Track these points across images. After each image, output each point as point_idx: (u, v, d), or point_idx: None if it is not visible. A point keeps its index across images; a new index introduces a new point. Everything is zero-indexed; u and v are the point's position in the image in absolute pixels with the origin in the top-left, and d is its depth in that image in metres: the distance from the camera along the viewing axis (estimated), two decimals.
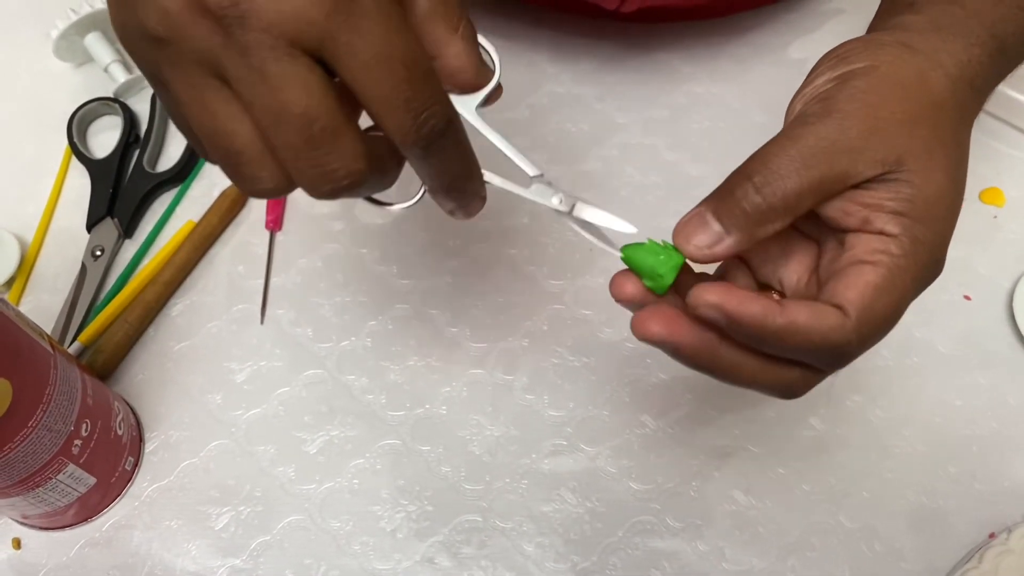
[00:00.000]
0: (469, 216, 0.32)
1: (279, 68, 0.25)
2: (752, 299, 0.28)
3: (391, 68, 0.25)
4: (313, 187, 0.27)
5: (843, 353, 0.30)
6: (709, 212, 0.30)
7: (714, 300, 0.28)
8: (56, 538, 0.43)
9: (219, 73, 0.26)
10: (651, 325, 0.30)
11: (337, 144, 0.26)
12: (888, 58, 0.31)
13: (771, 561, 0.42)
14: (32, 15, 0.61)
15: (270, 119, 0.25)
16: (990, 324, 0.49)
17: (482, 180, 0.31)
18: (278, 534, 0.43)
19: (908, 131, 0.30)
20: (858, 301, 0.29)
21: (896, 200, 0.30)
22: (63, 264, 0.52)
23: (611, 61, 0.59)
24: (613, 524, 0.43)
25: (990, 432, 0.46)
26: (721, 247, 0.30)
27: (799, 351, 0.30)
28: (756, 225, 0.30)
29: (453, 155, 0.28)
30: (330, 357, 0.48)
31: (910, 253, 0.30)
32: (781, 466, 0.45)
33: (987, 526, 0.43)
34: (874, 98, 0.30)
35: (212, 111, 0.26)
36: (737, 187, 0.30)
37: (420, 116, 0.26)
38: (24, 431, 0.36)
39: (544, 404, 0.47)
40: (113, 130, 0.56)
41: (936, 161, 0.30)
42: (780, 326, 0.29)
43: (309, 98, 0.25)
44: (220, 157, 0.27)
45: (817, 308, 0.29)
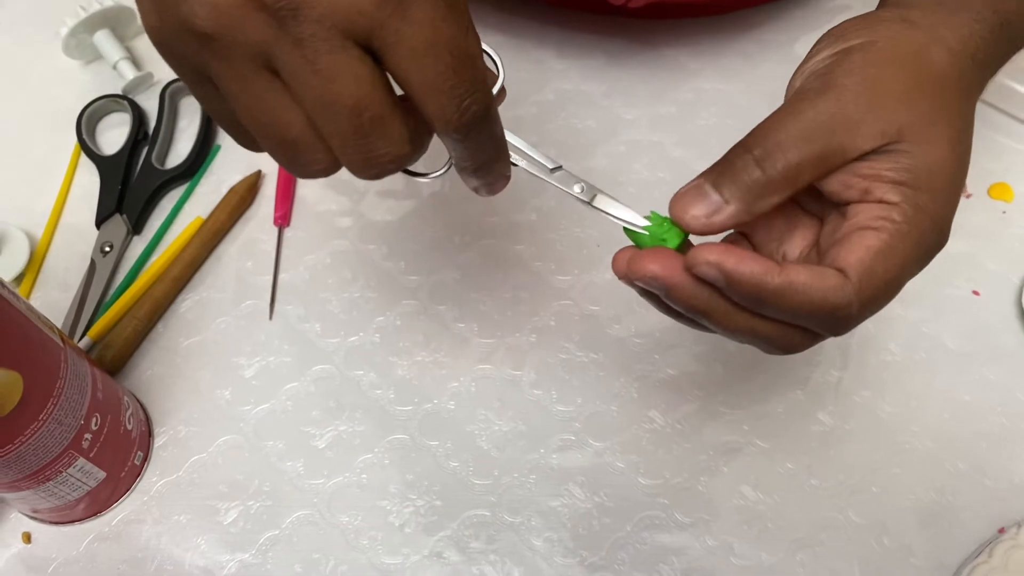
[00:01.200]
0: (492, 194, 0.33)
1: (331, 60, 0.25)
2: (751, 257, 0.28)
3: (437, 56, 0.26)
4: (359, 171, 0.28)
5: (843, 316, 0.30)
6: (708, 183, 0.30)
7: (713, 258, 0.28)
8: (66, 532, 0.43)
9: (270, 65, 0.26)
10: (649, 265, 0.30)
11: (385, 132, 0.27)
12: (887, 33, 0.32)
13: (780, 556, 0.42)
14: (41, 13, 0.62)
15: (321, 110, 0.26)
16: (999, 319, 0.49)
17: (509, 162, 0.32)
18: (287, 529, 0.43)
19: (907, 103, 0.30)
20: (859, 264, 0.29)
21: (895, 170, 0.30)
22: (72, 260, 0.52)
23: (618, 57, 0.59)
24: (621, 519, 0.43)
25: (999, 427, 0.45)
26: (719, 217, 0.30)
27: (798, 313, 0.29)
28: (756, 198, 0.30)
29: (487, 139, 0.29)
30: (338, 353, 0.48)
31: (912, 220, 0.30)
32: (790, 461, 0.45)
33: (997, 521, 0.43)
34: (872, 71, 0.31)
35: (265, 103, 0.27)
36: (737, 159, 0.30)
37: (463, 103, 0.27)
38: (35, 424, 0.36)
39: (552, 399, 0.47)
40: (122, 127, 0.57)
41: (937, 132, 0.30)
42: (778, 285, 0.28)
43: (360, 89, 0.26)
44: (275, 146, 0.28)
45: (817, 269, 0.29)
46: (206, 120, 0.56)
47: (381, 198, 0.54)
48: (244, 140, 0.30)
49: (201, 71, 0.27)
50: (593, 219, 0.53)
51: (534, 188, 0.53)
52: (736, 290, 0.29)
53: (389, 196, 0.54)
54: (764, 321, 0.30)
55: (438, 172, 0.34)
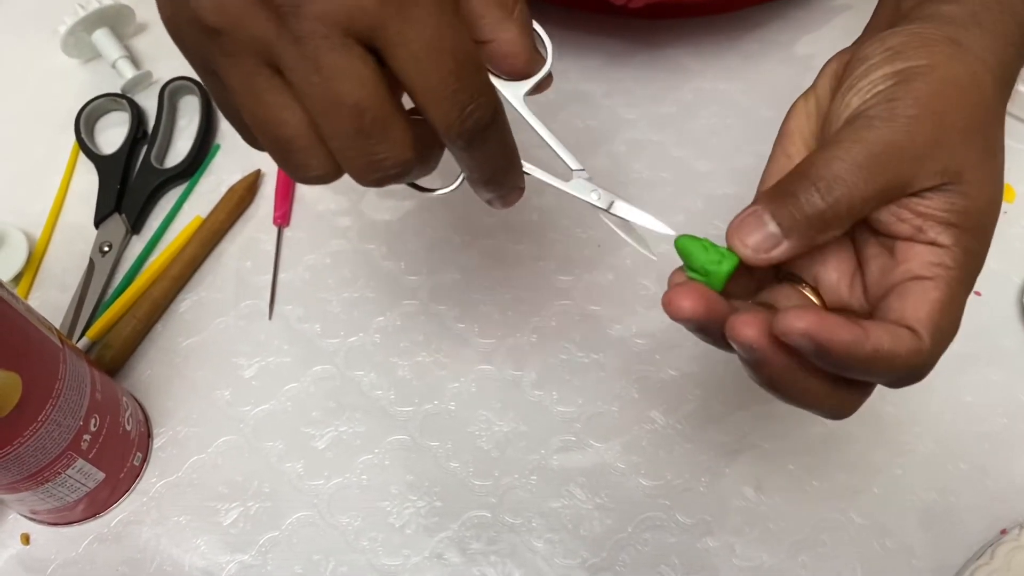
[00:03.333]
0: (506, 206, 0.32)
1: (332, 58, 0.25)
2: (842, 326, 0.27)
3: (440, 59, 0.25)
4: (361, 175, 0.27)
5: (918, 374, 0.29)
6: (767, 213, 0.29)
7: (805, 328, 0.27)
8: (65, 533, 0.43)
9: (272, 62, 0.26)
10: (748, 330, 0.28)
11: (387, 134, 0.26)
12: (943, 59, 0.31)
13: (781, 558, 0.42)
14: (40, 11, 0.61)
15: (321, 109, 0.26)
16: (1001, 320, 0.48)
17: (522, 172, 0.31)
18: (286, 530, 0.43)
19: (968, 141, 0.30)
20: (929, 321, 0.29)
21: (950, 212, 0.29)
22: (71, 260, 0.51)
23: (618, 57, 0.59)
24: (622, 520, 0.43)
25: (1001, 428, 0.45)
26: (778, 251, 0.29)
27: (879, 375, 0.29)
28: (817, 231, 0.29)
29: (495, 148, 0.28)
30: (338, 353, 0.48)
31: (963, 265, 0.29)
32: (791, 462, 0.45)
33: (999, 522, 0.43)
34: (939, 104, 0.30)
35: (264, 100, 0.26)
36: (800, 190, 0.29)
37: (466, 109, 0.26)
38: (34, 425, 0.36)
39: (553, 400, 0.46)
40: (121, 126, 0.56)
41: (988, 172, 0.30)
42: (867, 353, 0.28)
43: (361, 89, 0.25)
44: (271, 145, 0.27)
45: (896, 332, 0.28)
46: (205, 119, 0.56)
47: (381, 198, 0.53)
48: (248, 136, 0.30)
49: (208, 65, 0.27)
50: (594, 219, 0.52)
51: (535, 188, 0.53)
52: (826, 358, 0.28)
53: (389, 196, 0.53)
54: (830, 396, 0.30)
55: (450, 187, 0.33)
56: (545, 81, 0.32)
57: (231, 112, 0.29)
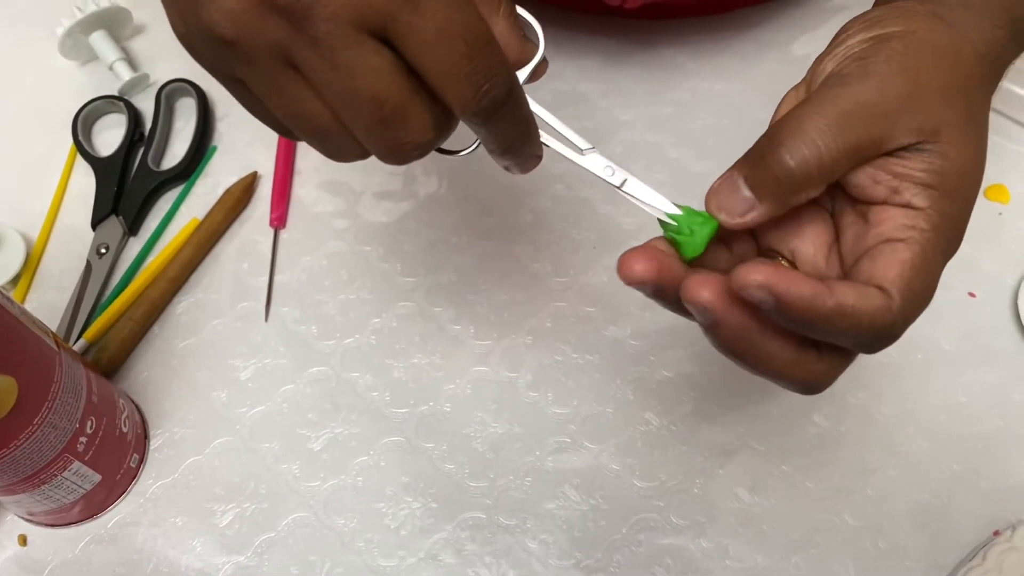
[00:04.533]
0: (524, 172, 0.33)
1: (348, 55, 0.26)
2: (802, 280, 0.27)
3: (451, 44, 0.26)
4: (387, 157, 0.29)
5: (888, 335, 0.29)
6: (740, 177, 0.30)
7: (762, 280, 0.26)
8: (62, 535, 0.44)
9: (291, 62, 0.27)
10: (702, 291, 0.27)
11: (407, 121, 0.27)
12: (922, 26, 0.31)
13: (775, 559, 0.42)
14: (37, 13, 0.61)
15: (342, 104, 0.27)
16: (995, 321, 0.49)
17: (539, 141, 0.32)
18: (283, 531, 0.43)
19: (945, 100, 0.29)
20: (899, 281, 0.28)
21: (927, 172, 0.29)
22: (68, 262, 0.52)
23: (615, 57, 0.59)
24: (617, 521, 0.43)
25: (995, 429, 0.45)
26: (752, 215, 0.29)
27: (845, 334, 0.28)
28: (790, 193, 0.29)
29: (512, 122, 0.29)
30: (334, 354, 0.48)
31: (939, 227, 0.29)
32: (785, 463, 0.45)
33: (992, 523, 0.43)
34: (913, 61, 0.30)
35: (292, 97, 0.28)
36: (768, 152, 0.29)
37: (481, 88, 0.27)
38: (29, 428, 0.36)
39: (548, 401, 0.47)
40: (118, 128, 0.56)
41: (969, 135, 0.30)
42: (830, 309, 0.27)
43: (378, 82, 0.26)
44: (308, 136, 0.29)
45: (863, 290, 0.28)
46: (202, 121, 0.56)
47: (377, 199, 0.53)
48: (281, 131, 0.31)
49: (230, 74, 0.28)
50: (590, 221, 0.53)
51: (530, 189, 0.53)
52: (785, 313, 0.27)
53: (386, 197, 0.54)
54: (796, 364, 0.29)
55: (468, 149, 0.34)
56: (540, 67, 0.33)
57: (263, 114, 0.30)
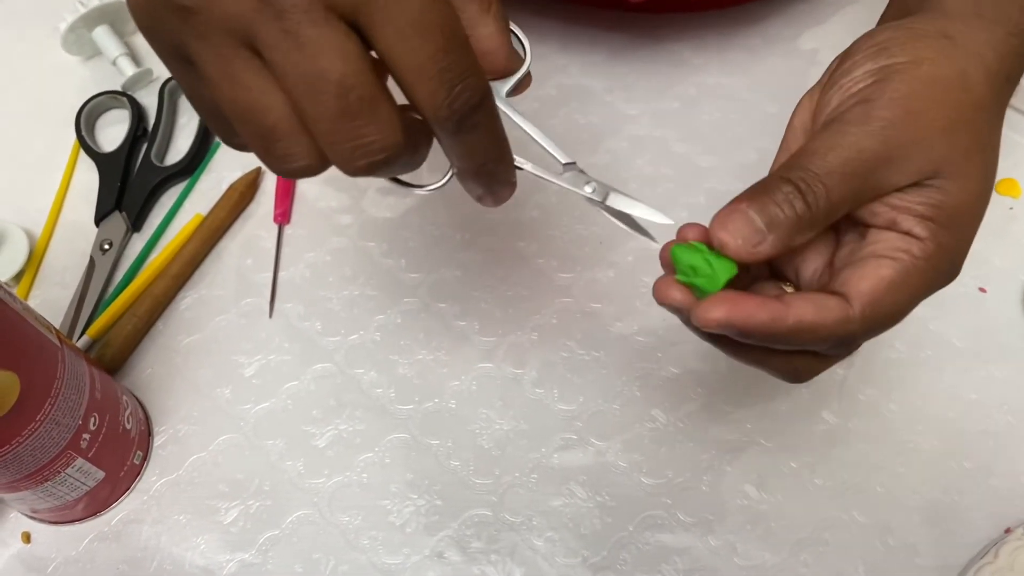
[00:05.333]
0: (498, 203, 0.31)
1: (315, 33, 0.24)
2: (758, 307, 0.28)
3: (427, 36, 0.24)
4: (347, 161, 0.26)
5: (848, 343, 0.30)
6: (752, 211, 0.29)
7: (720, 317, 0.28)
8: (65, 532, 0.43)
9: (250, 43, 0.25)
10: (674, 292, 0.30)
11: (374, 114, 0.25)
12: (929, 54, 0.30)
13: (783, 556, 0.42)
14: (40, 9, 0.61)
15: (305, 88, 0.24)
16: (1005, 317, 0.48)
17: (513, 165, 0.30)
18: (287, 528, 0.43)
19: (948, 139, 0.30)
20: (868, 294, 0.29)
21: (926, 205, 0.30)
22: (71, 258, 0.51)
23: (620, 52, 0.59)
24: (623, 519, 0.43)
25: (1006, 426, 0.45)
26: (763, 248, 0.29)
27: (806, 345, 0.30)
28: (795, 232, 0.29)
29: (485, 133, 0.27)
30: (339, 351, 0.48)
31: (932, 257, 0.30)
32: (793, 460, 0.44)
33: (1003, 521, 0.42)
34: (915, 104, 0.30)
35: (244, 84, 0.25)
36: (778, 191, 0.29)
37: (455, 88, 0.25)
38: (32, 425, 0.36)
39: (554, 398, 0.46)
40: (121, 124, 0.56)
41: (971, 169, 0.30)
42: (788, 327, 0.29)
43: (346, 65, 0.24)
44: (252, 134, 0.26)
45: (819, 302, 0.29)
46: None
47: (382, 195, 0.53)
48: (225, 132, 0.28)
49: (182, 51, 0.26)
50: (595, 216, 0.52)
51: (536, 185, 0.53)
52: (748, 338, 0.29)
53: (390, 193, 0.53)
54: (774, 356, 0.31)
55: (436, 184, 0.32)
56: (525, 80, 0.32)
57: (205, 104, 0.27)
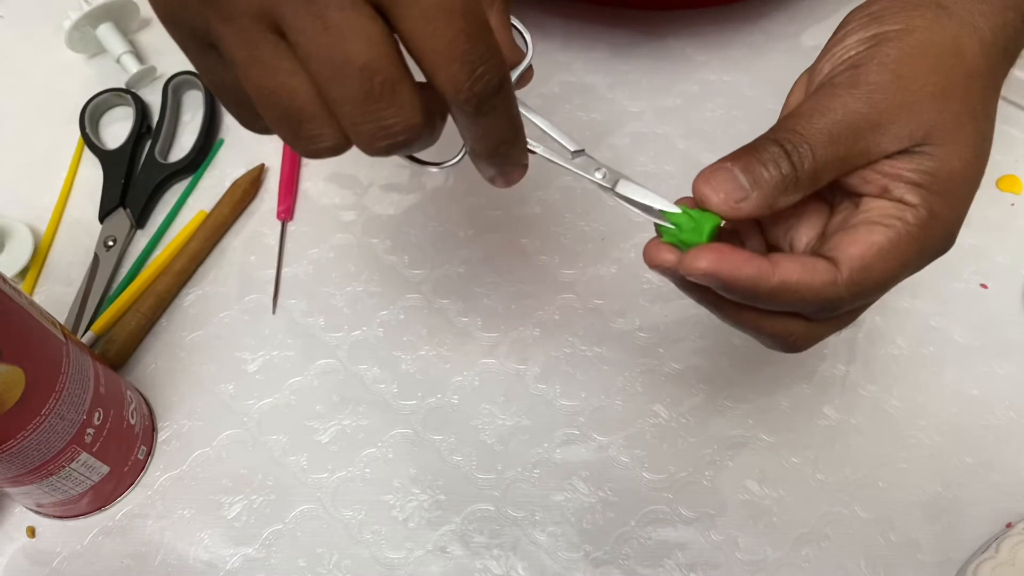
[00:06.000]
0: (509, 184, 0.32)
1: (342, 17, 0.24)
2: (745, 262, 0.29)
3: (450, 19, 0.25)
4: (369, 143, 0.26)
5: (834, 306, 0.30)
6: (735, 168, 0.30)
7: (706, 267, 0.28)
8: (70, 526, 0.44)
9: (276, 26, 0.25)
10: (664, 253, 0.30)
11: (396, 98, 0.25)
12: (922, 22, 0.30)
13: (785, 551, 0.42)
14: (45, 6, 0.61)
15: (330, 71, 0.25)
16: (1007, 313, 0.48)
17: (526, 148, 0.31)
18: (290, 523, 0.43)
19: (939, 105, 0.30)
20: (857, 258, 0.29)
21: (917, 172, 0.29)
22: (76, 254, 0.52)
23: (623, 49, 0.59)
24: (626, 513, 0.43)
25: (1007, 422, 0.45)
26: (746, 205, 0.29)
27: (791, 305, 0.30)
28: (779, 193, 0.30)
29: (502, 116, 0.28)
30: (342, 347, 0.48)
31: (925, 224, 0.30)
32: (795, 456, 0.44)
33: (1004, 516, 0.42)
34: (906, 69, 0.30)
35: (271, 67, 0.25)
36: (765, 151, 0.30)
37: (476, 71, 0.25)
38: (37, 419, 0.36)
39: (556, 394, 0.46)
40: (125, 121, 0.56)
41: (963, 135, 0.30)
42: (773, 286, 0.29)
43: (371, 49, 0.24)
44: (278, 117, 0.26)
45: (807, 264, 0.29)
46: (209, 114, 0.56)
47: (385, 191, 0.53)
48: (247, 116, 0.29)
49: (205, 37, 0.26)
50: (598, 212, 0.53)
51: (539, 181, 0.53)
52: (732, 294, 0.29)
53: (393, 190, 0.53)
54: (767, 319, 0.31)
55: (451, 161, 0.33)
56: (527, 74, 0.32)
57: (231, 91, 0.28)
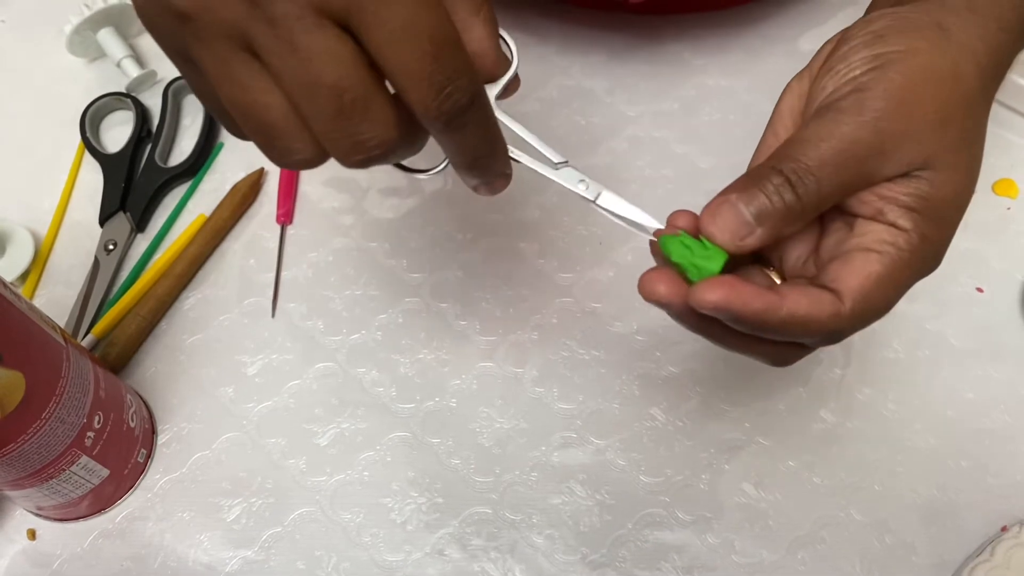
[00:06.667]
0: (493, 193, 0.32)
1: (308, 39, 0.25)
2: (754, 296, 0.29)
3: (416, 41, 0.25)
4: (345, 156, 0.27)
5: (835, 337, 0.31)
6: (740, 203, 0.30)
7: (717, 300, 0.28)
8: (70, 529, 0.44)
9: (247, 46, 0.25)
10: (658, 286, 0.30)
11: (369, 114, 0.26)
12: (924, 45, 0.31)
13: (781, 554, 0.42)
14: (46, 11, 0.62)
15: (301, 91, 0.25)
16: (1003, 317, 0.48)
17: (507, 159, 0.31)
18: (289, 526, 0.44)
19: (939, 131, 0.30)
20: (857, 290, 0.30)
21: (912, 196, 0.30)
22: (76, 258, 0.52)
23: (620, 53, 0.59)
24: (623, 517, 0.43)
25: (1003, 425, 0.45)
26: (751, 240, 0.30)
27: (795, 336, 0.30)
28: (785, 223, 0.30)
29: (476, 132, 0.28)
30: (341, 350, 0.48)
31: (916, 249, 0.30)
32: (792, 459, 0.45)
33: (999, 519, 0.43)
34: (910, 96, 0.30)
35: (243, 85, 0.26)
36: (768, 181, 0.30)
37: (443, 91, 0.26)
38: (37, 423, 0.36)
39: (554, 397, 0.47)
40: (125, 125, 0.57)
41: (958, 161, 0.30)
42: (781, 319, 0.29)
43: (339, 69, 0.25)
44: (254, 131, 0.27)
45: (814, 296, 0.29)
46: (209, 118, 0.56)
47: (384, 195, 0.54)
48: (229, 124, 0.29)
49: (184, 52, 0.27)
50: (596, 217, 0.52)
51: (536, 185, 0.53)
52: (740, 325, 0.29)
53: (392, 194, 0.54)
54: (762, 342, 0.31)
55: (436, 169, 0.33)
56: (513, 83, 0.32)
57: (210, 100, 0.28)
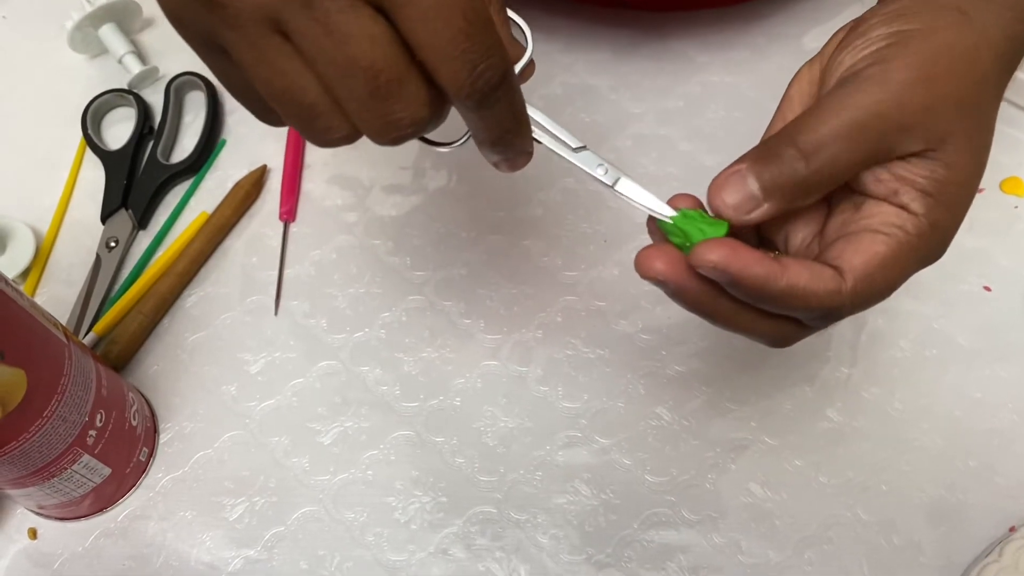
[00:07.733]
0: (513, 170, 0.32)
1: (343, 19, 0.24)
2: (756, 261, 0.28)
3: (450, 18, 0.25)
4: (379, 136, 0.27)
5: (835, 315, 0.30)
6: (751, 175, 0.29)
7: (717, 260, 0.28)
8: (72, 528, 0.43)
9: (280, 29, 0.25)
10: (655, 263, 0.30)
11: (402, 94, 0.26)
12: (945, 24, 0.30)
13: (788, 554, 0.42)
14: (47, 7, 0.62)
15: (335, 73, 0.25)
16: (1010, 315, 0.48)
17: (531, 136, 0.31)
18: (292, 525, 0.43)
19: (959, 113, 0.29)
20: (861, 269, 0.29)
21: (928, 179, 0.29)
22: (78, 255, 0.52)
23: (625, 51, 0.59)
24: (628, 516, 0.43)
25: (1010, 425, 0.45)
26: (758, 213, 0.29)
27: (794, 310, 0.30)
28: (797, 196, 0.29)
29: (505, 109, 0.28)
30: (344, 348, 0.48)
31: (925, 235, 0.30)
32: (798, 458, 0.44)
33: (1007, 520, 0.42)
34: (932, 70, 0.29)
35: (279, 69, 0.26)
36: (783, 152, 0.29)
37: (476, 68, 0.26)
38: (39, 421, 0.36)
39: (558, 396, 0.46)
40: (127, 121, 0.56)
41: (973, 147, 0.30)
42: (781, 289, 0.28)
43: (374, 50, 0.25)
44: (291, 114, 0.27)
45: (816, 271, 0.29)
46: (211, 115, 0.56)
47: (387, 193, 0.53)
48: (261, 111, 0.29)
49: (213, 41, 0.27)
50: (601, 214, 0.53)
51: (541, 183, 0.53)
52: (739, 290, 0.29)
53: (395, 191, 0.53)
54: (761, 322, 0.31)
55: (458, 142, 0.33)
56: (528, 69, 0.32)
57: (243, 90, 0.28)
